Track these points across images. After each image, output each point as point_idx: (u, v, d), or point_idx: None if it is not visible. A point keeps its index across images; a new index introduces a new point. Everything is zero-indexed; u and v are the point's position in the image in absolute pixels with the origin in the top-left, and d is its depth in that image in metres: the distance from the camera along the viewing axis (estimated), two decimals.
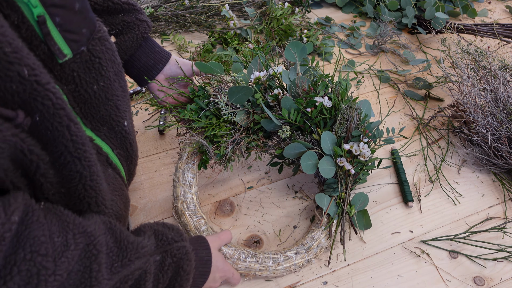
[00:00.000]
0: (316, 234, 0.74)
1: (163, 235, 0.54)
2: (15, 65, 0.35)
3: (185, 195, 0.74)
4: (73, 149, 0.42)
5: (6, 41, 0.35)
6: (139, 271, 0.48)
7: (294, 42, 0.80)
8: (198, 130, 0.77)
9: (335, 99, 0.77)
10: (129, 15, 0.70)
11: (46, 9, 0.42)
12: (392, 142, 0.83)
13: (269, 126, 0.77)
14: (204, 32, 1.28)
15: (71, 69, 0.48)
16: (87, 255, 0.42)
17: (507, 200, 0.89)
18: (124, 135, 0.59)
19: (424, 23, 1.32)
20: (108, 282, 0.44)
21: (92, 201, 0.47)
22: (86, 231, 0.43)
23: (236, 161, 0.88)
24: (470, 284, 0.74)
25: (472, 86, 0.94)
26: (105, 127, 0.56)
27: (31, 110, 0.38)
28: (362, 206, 0.78)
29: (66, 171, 0.43)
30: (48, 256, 0.38)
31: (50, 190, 0.43)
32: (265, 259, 0.70)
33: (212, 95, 0.77)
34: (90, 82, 0.51)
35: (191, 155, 0.78)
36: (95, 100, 0.52)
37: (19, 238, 0.36)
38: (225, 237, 0.69)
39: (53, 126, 0.40)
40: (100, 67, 0.51)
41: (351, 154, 0.76)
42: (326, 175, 0.74)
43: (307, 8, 1.38)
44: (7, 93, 0.36)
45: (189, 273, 0.55)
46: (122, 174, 0.61)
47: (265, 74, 0.79)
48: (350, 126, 0.77)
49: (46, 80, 0.38)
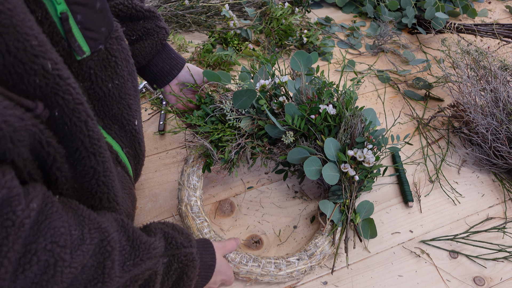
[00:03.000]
0: (320, 240, 0.74)
1: (173, 239, 0.54)
2: (40, 59, 0.36)
3: (189, 198, 0.76)
4: (89, 145, 0.43)
5: (33, 34, 0.35)
6: (149, 271, 0.48)
7: (299, 52, 0.82)
8: (203, 134, 0.79)
9: (340, 107, 0.77)
10: (150, 22, 0.71)
11: (69, 6, 0.43)
12: (397, 150, 0.82)
13: (273, 132, 0.77)
14: (204, 32, 1.28)
15: (88, 66, 0.49)
16: (101, 251, 0.43)
17: (507, 200, 0.89)
18: (134, 134, 0.60)
19: (424, 23, 1.32)
20: (120, 280, 0.44)
21: (104, 197, 0.48)
22: (101, 227, 0.43)
23: (240, 166, 0.89)
24: (470, 284, 0.74)
25: (472, 86, 0.94)
26: (116, 125, 0.57)
27: (51, 104, 0.38)
28: (367, 214, 0.78)
29: (81, 166, 0.43)
30: (66, 248, 0.38)
31: (65, 185, 0.43)
32: (266, 264, 0.70)
33: (218, 101, 0.79)
34: (106, 80, 0.52)
35: (196, 159, 0.80)
36: (109, 98, 0.53)
37: (39, 227, 0.36)
38: (230, 246, 0.69)
39: (72, 121, 0.40)
40: (115, 66, 0.53)
41: (355, 161, 0.75)
42: (330, 181, 0.73)
43: (307, 8, 1.38)
44: (30, 86, 0.36)
45: (192, 279, 0.56)
46: (130, 173, 0.61)
47: (270, 82, 0.80)
48: (354, 133, 0.76)
49: (67, 75, 0.39)
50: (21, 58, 0.35)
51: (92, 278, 0.41)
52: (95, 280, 0.42)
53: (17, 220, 0.33)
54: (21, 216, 0.34)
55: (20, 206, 0.33)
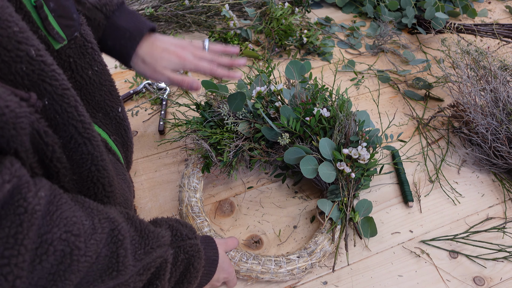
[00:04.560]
0: (320, 238, 0.74)
1: (178, 231, 0.55)
2: (23, 45, 0.36)
3: (190, 199, 0.77)
4: (82, 130, 0.42)
5: (13, 21, 0.35)
6: (160, 259, 0.49)
7: (293, 61, 0.86)
8: (202, 137, 0.81)
9: (334, 110, 0.80)
10: None
11: None
12: (392, 149, 0.84)
13: (270, 134, 0.80)
14: (204, 32, 1.28)
15: (67, 55, 0.49)
16: (113, 240, 0.43)
17: (507, 200, 0.89)
18: (119, 121, 0.60)
19: (424, 23, 1.32)
20: (133, 268, 0.44)
21: (105, 182, 0.48)
22: (109, 217, 0.43)
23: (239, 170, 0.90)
24: (470, 284, 0.74)
25: (472, 86, 0.94)
26: (100, 113, 0.57)
27: (40, 93, 0.38)
28: (366, 212, 0.78)
29: (77, 155, 0.43)
30: (80, 237, 0.38)
31: (66, 177, 0.43)
32: (267, 261, 0.70)
33: (216, 107, 0.82)
34: (85, 68, 0.52)
35: (196, 162, 0.82)
36: (90, 86, 0.53)
37: (52, 217, 0.36)
38: (231, 243, 0.70)
39: (62, 107, 0.40)
40: (93, 52, 0.52)
41: (351, 159, 0.77)
42: (326, 179, 0.75)
43: (307, 8, 1.38)
44: (18, 75, 0.36)
45: (199, 270, 0.56)
46: (121, 161, 0.61)
47: (265, 88, 0.84)
48: (348, 132, 0.79)
49: (51, 61, 0.39)
50: (6, 45, 0.34)
51: (107, 268, 0.42)
52: (110, 269, 0.42)
53: (29, 207, 0.33)
54: (33, 203, 0.33)
55: (30, 193, 0.33)
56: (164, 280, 0.50)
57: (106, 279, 0.42)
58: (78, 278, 0.38)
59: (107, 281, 0.42)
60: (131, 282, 0.45)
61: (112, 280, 0.42)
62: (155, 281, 0.49)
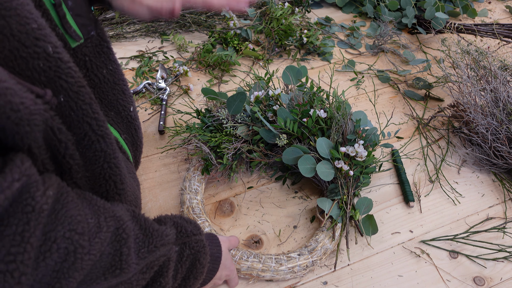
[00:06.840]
0: (320, 236, 0.75)
1: (182, 227, 0.55)
2: (41, 42, 0.36)
3: (191, 200, 0.78)
4: (96, 127, 0.43)
5: (32, 18, 0.35)
6: (163, 257, 0.49)
7: (290, 66, 0.88)
8: (202, 141, 0.82)
9: (331, 112, 0.81)
10: None
11: None
12: (390, 147, 0.85)
13: (268, 136, 0.81)
14: (204, 32, 1.28)
15: (83, 53, 0.49)
16: (117, 239, 0.43)
17: (507, 200, 0.89)
18: (130, 121, 0.61)
19: (424, 23, 1.32)
20: (136, 266, 0.45)
21: (117, 179, 0.48)
22: (116, 216, 0.44)
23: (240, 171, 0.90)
24: (470, 284, 0.74)
25: (472, 86, 0.94)
26: (113, 112, 0.57)
27: (56, 89, 0.39)
28: (366, 210, 0.78)
29: (91, 152, 0.44)
30: (85, 235, 0.38)
31: (78, 173, 0.44)
32: (267, 259, 0.70)
33: (215, 112, 0.85)
34: (100, 67, 0.52)
35: (197, 166, 0.84)
36: (104, 85, 0.54)
37: (57, 215, 0.36)
38: (234, 241, 0.70)
39: (77, 104, 0.40)
40: (108, 51, 0.53)
41: (348, 157, 0.77)
42: (325, 178, 0.76)
43: (307, 8, 1.38)
44: (35, 71, 0.36)
45: (204, 266, 0.56)
46: (131, 160, 0.62)
47: (263, 92, 0.86)
48: (345, 131, 0.80)
49: (68, 58, 0.39)
50: (24, 41, 0.35)
51: (110, 265, 0.42)
52: (113, 267, 0.42)
53: (37, 206, 0.33)
54: (40, 202, 0.34)
55: (38, 192, 0.34)
56: (167, 277, 0.50)
57: (109, 277, 0.42)
58: (82, 276, 0.39)
59: (110, 279, 0.42)
60: (134, 280, 0.45)
61: (115, 278, 0.42)
62: (158, 279, 0.49)
